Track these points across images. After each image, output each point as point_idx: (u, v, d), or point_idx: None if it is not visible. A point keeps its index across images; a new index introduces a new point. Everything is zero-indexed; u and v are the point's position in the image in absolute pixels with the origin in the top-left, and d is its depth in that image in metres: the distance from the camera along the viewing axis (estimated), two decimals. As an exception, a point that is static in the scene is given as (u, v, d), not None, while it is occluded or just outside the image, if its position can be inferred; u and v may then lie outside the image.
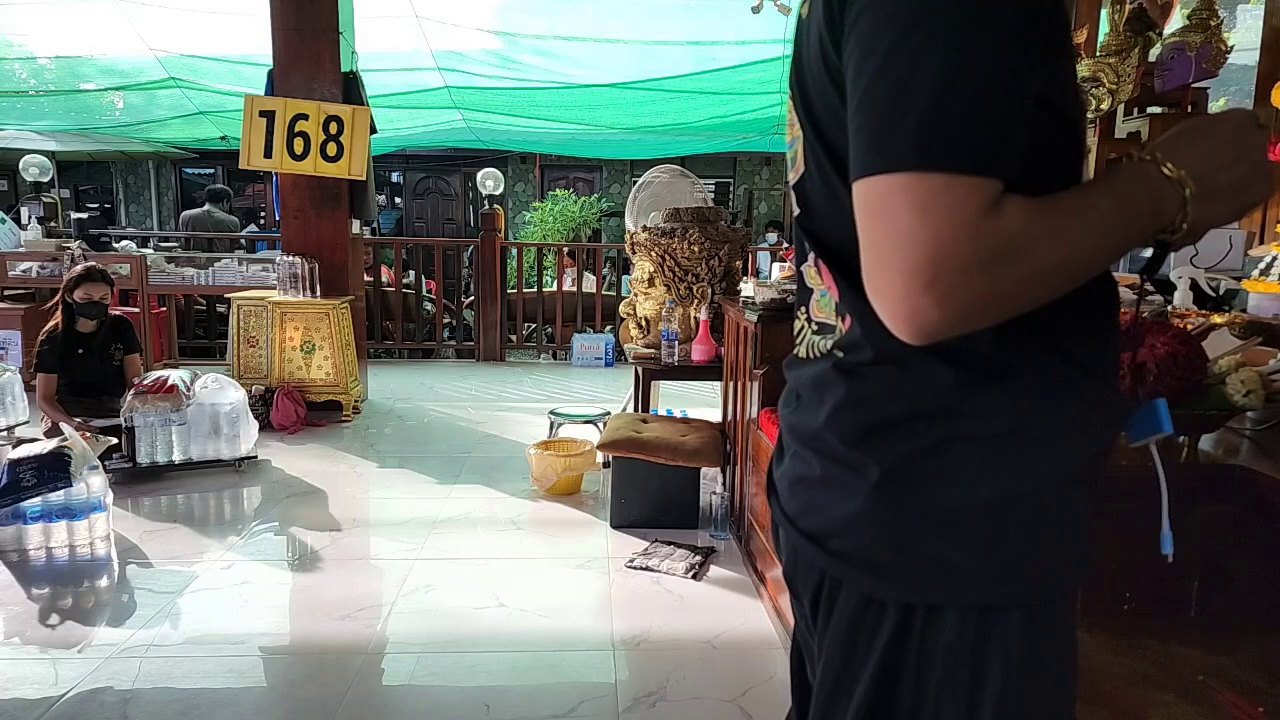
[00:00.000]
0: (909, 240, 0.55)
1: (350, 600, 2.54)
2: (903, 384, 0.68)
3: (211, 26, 5.89)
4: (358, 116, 4.68)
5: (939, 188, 0.55)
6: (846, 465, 0.71)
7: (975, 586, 0.67)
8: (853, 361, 0.72)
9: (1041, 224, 0.57)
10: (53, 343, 3.80)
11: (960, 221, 0.54)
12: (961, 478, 0.66)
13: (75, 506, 2.88)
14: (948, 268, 0.54)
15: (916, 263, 0.55)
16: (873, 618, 0.70)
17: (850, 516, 0.71)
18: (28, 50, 6.63)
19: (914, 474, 0.68)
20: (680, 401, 4.84)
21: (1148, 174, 0.63)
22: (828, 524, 0.73)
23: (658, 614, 2.50)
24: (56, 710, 1.95)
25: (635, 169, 11.19)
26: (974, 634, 0.67)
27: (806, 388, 0.78)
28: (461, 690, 2.11)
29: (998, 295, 0.56)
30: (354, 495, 3.55)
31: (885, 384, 0.69)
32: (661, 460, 3.06)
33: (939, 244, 0.54)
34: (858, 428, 0.70)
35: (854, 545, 0.71)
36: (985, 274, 0.55)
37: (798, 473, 0.78)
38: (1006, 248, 0.55)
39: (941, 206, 0.55)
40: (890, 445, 0.68)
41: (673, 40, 5.96)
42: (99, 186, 12.47)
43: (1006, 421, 0.66)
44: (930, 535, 0.67)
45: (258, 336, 4.81)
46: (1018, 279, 0.56)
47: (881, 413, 0.69)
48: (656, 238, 3.77)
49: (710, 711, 2.02)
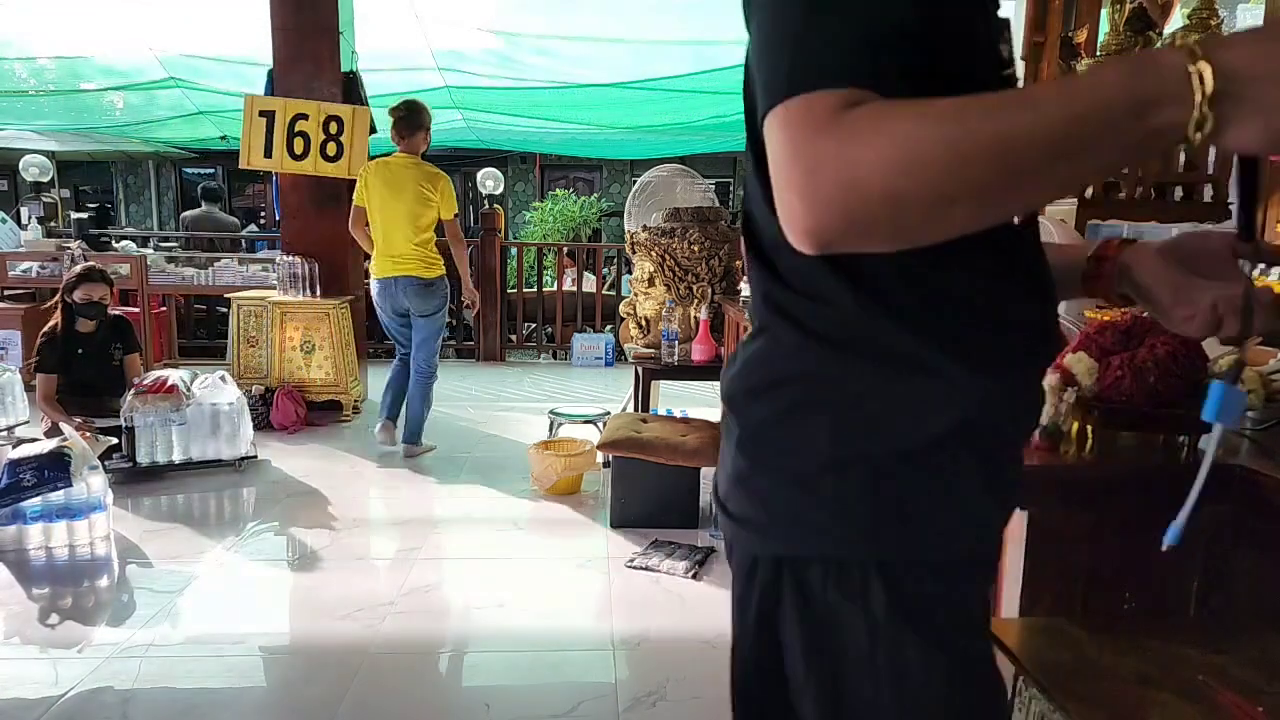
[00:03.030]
0: (781, 160, 0.56)
1: (350, 600, 2.54)
2: (770, 352, 0.73)
3: (211, 26, 5.90)
4: (358, 116, 4.68)
5: (799, 105, 0.56)
6: (729, 429, 0.77)
7: (827, 540, 0.70)
8: (747, 337, 0.78)
9: (915, 107, 0.54)
10: (52, 343, 3.80)
11: (814, 123, 0.55)
12: (812, 438, 0.70)
13: (75, 506, 2.88)
14: (809, 167, 0.54)
15: (789, 175, 0.56)
16: (753, 574, 0.75)
17: (729, 475, 0.77)
18: (28, 50, 6.63)
19: (772, 434, 0.73)
20: (680, 401, 4.84)
21: (1153, 61, 0.52)
22: (724, 488, 0.79)
23: (658, 614, 2.50)
24: (56, 710, 1.95)
25: (635, 169, 11.19)
26: (835, 590, 0.70)
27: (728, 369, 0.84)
28: (461, 690, 2.11)
29: (872, 187, 0.53)
30: (354, 495, 3.55)
31: (759, 353, 0.74)
32: (661, 460, 3.06)
33: (796, 149, 0.55)
34: (739, 394, 0.76)
35: (734, 503, 0.76)
36: (847, 165, 0.53)
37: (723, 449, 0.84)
38: (866, 133, 0.53)
39: (798, 119, 0.56)
40: (756, 408, 0.74)
41: (673, 40, 5.96)
42: (99, 186, 12.48)
43: (851, 389, 0.69)
44: (788, 492, 0.71)
45: (258, 336, 4.81)
46: (891, 164, 0.52)
47: (752, 379, 0.75)
48: (656, 238, 3.77)
49: (710, 711, 2.02)
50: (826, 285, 0.68)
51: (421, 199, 3.84)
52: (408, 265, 3.84)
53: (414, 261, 3.84)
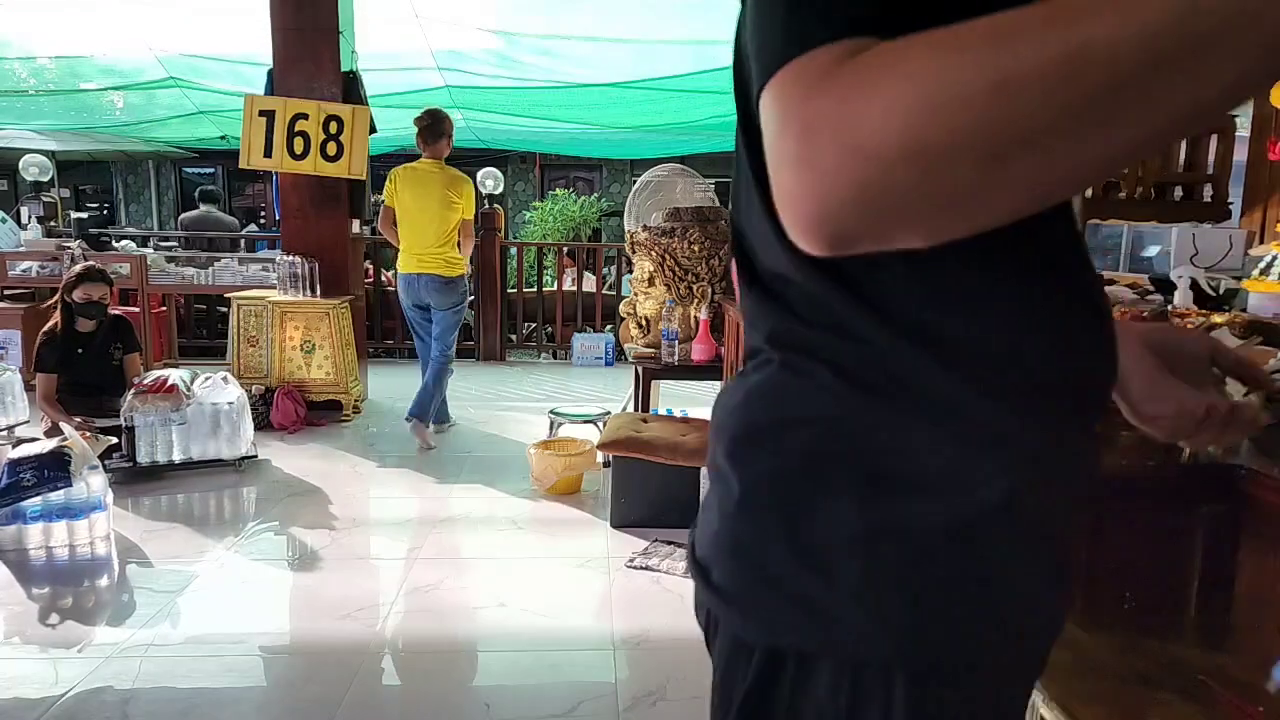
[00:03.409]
0: (772, 136, 0.45)
1: (350, 600, 2.54)
2: (778, 387, 0.58)
3: (211, 26, 5.90)
4: (358, 116, 4.68)
5: (789, 71, 0.45)
6: (721, 481, 0.61)
7: (847, 635, 0.55)
8: (747, 368, 0.63)
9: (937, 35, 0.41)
10: (52, 342, 3.80)
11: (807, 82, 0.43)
12: (834, 501, 0.55)
13: (75, 506, 2.88)
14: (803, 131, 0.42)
15: (780, 150, 0.44)
16: (742, 661, 0.60)
17: (720, 541, 0.61)
18: (28, 50, 6.63)
19: (781, 492, 0.57)
20: (680, 401, 4.84)
21: None
22: (706, 550, 0.63)
23: (658, 613, 2.50)
24: (56, 710, 1.95)
25: (635, 169, 11.18)
26: (847, 695, 0.56)
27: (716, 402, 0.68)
28: (461, 690, 2.11)
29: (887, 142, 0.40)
30: (354, 495, 3.55)
31: (764, 388, 0.59)
32: (661, 460, 3.06)
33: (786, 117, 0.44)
34: (736, 437, 0.60)
35: (724, 576, 0.61)
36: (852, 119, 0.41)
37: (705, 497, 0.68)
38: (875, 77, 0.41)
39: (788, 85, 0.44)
40: (757, 458, 0.58)
41: (673, 40, 5.95)
42: (99, 186, 12.48)
43: (882, 441, 0.54)
44: (797, 569, 0.56)
45: (258, 336, 4.80)
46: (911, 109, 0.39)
47: (753, 419, 0.59)
48: (656, 237, 3.77)
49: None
50: (849, 315, 0.54)
51: (447, 202, 4.10)
52: (431, 264, 4.11)
53: (437, 260, 4.12)
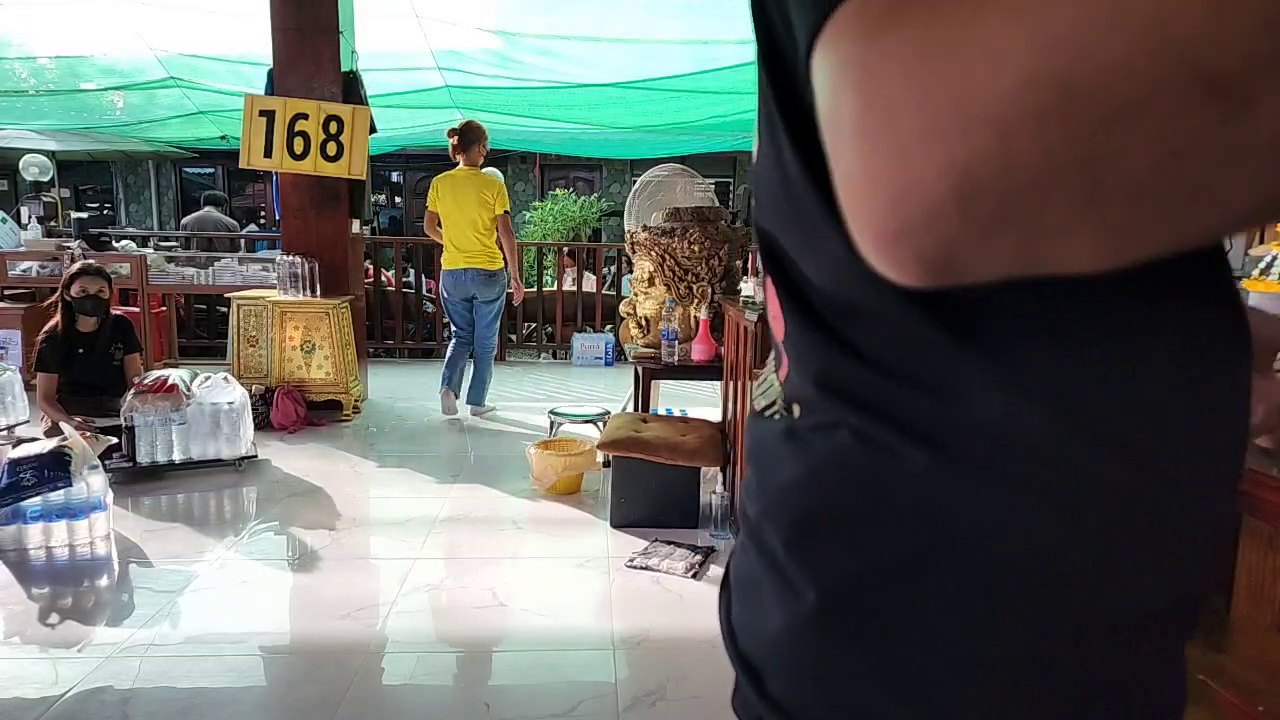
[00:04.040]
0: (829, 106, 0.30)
1: (350, 600, 2.54)
2: (854, 467, 0.44)
3: (211, 26, 5.90)
4: (358, 116, 4.68)
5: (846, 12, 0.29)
6: (783, 576, 0.49)
7: None
8: (804, 426, 0.49)
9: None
10: (53, 342, 3.80)
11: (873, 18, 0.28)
12: (939, 618, 0.43)
13: (75, 506, 2.88)
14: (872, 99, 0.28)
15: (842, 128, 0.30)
16: None
17: (786, 650, 0.49)
18: (28, 50, 6.63)
19: (867, 605, 0.45)
20: (680, 401, 4.84)
21: None
22: (762, 654, 0.52)
23: (658, 613, 2.50)
24: (56, 710, 1.95)
25: (635, 169, 11.18)
26: None
27: (754, 458, 0.55)
28: (461, 690, 2.11)
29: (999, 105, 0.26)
30: (354, 495, 3.55)
31: (833, 465, 0.46)
32: (661, 460, 3.06)
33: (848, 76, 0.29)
34: (798, 524, 0.48)
35: (791, 692, 0.49)
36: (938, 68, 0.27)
37: (742, 568, 0.55)
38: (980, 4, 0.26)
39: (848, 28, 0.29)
40: (837, 557, 0.46)
41: (673, 40, 5.95)
42: (99, 186, 12.47)
43: (1011, 541, 0.42)
44: (887, 701, 0.45)
45: (258, 336, 4.80)
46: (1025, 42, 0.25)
47: (827, 504, 0.46)
48: (656, 237, 3.77)
49: (710, 711, 2.02)
50: (954, 367, 0.39)
51: (481, 203, 4.53)
52: (474, 259, 4.58)
53: (479, 255, 4.58)
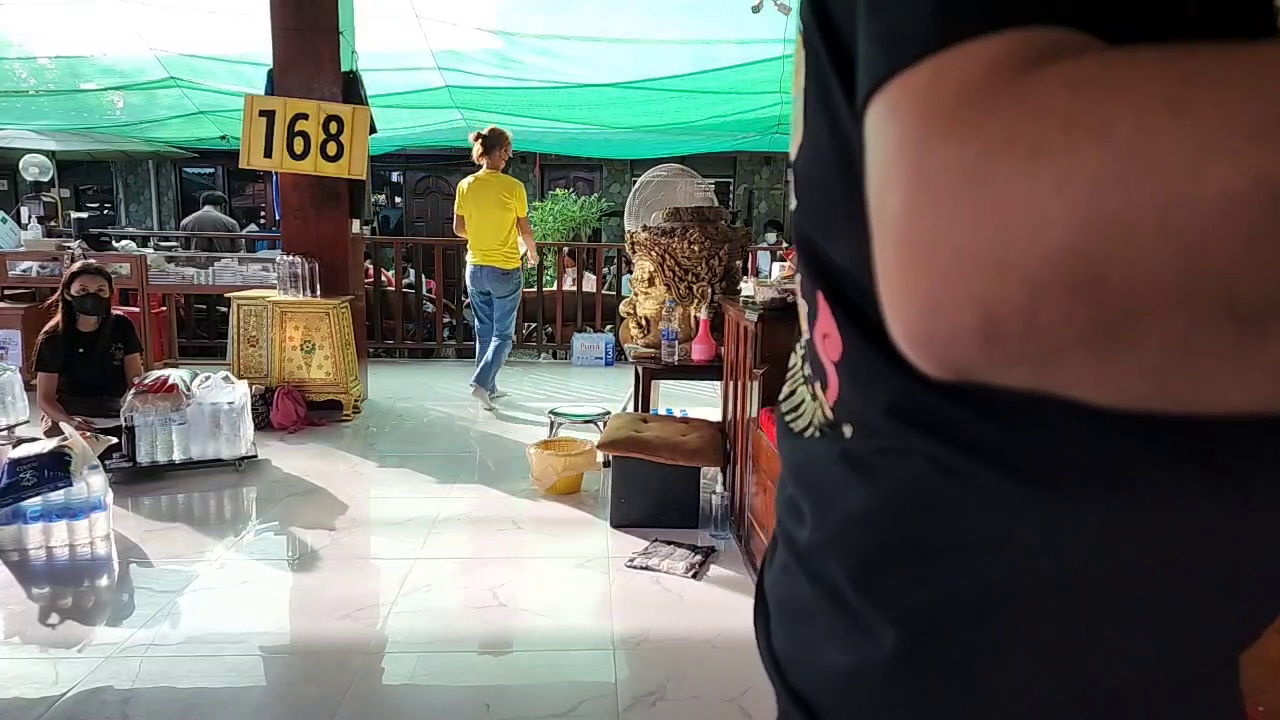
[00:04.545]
0: (877, 187, 0.29)
1: (350, 600, 2.54)
2: (939, 488, 0.40)
3: (211, 26, 5.90)
4: (358, 116, 4.68)
5: (923, 76, 0.28)
6: (851, 614, 0.46)
7: None
8: (867, 450, 0.44)
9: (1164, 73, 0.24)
10: (53, 342, 3.80)
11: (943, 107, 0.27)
12: (1027, 656, 0.41)
13: (75, 506, 2.88)
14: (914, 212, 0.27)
15: (886, 222, 0.28)
16: None
17: (854, 693, 0.46)
18: (28, 50, 6.63)
19: (952, 643, 0.42)
20: (680, 401, 4.84)
21: None
22: (824, 692, 0.49)
23: (658, 613, 2.50)
24: (56, 710, 1.95)
25: (635, 169, 11.18)
26: None
27: (799, 483, 0.51)
28: (461, 690, 2.11)
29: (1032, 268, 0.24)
30: (354, 495, 3.55)
31: (911, 490, 0.42)
32: (661, 460, 3.06)
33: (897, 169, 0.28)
34: (869, 558, 0.45)
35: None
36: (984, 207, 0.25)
37: (789, 595, 0.53)
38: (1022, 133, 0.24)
39: (910, 109, 0.28)
40: (915, 595, 0.43)
41: (673, 40, 5.96)
42: (99, 186, 12.47)
43: (1091, 569, 0.39)
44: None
45: (258, 336, 4.80)
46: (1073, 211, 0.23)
47: (902, 537, 0.43)
48: (656, 237, 3.77)
49: (710, 711, 2.02)
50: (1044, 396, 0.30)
51: (501, 205, 4.87)
52: (492, 257, 4.96)
53: (497, 255, 4.96)
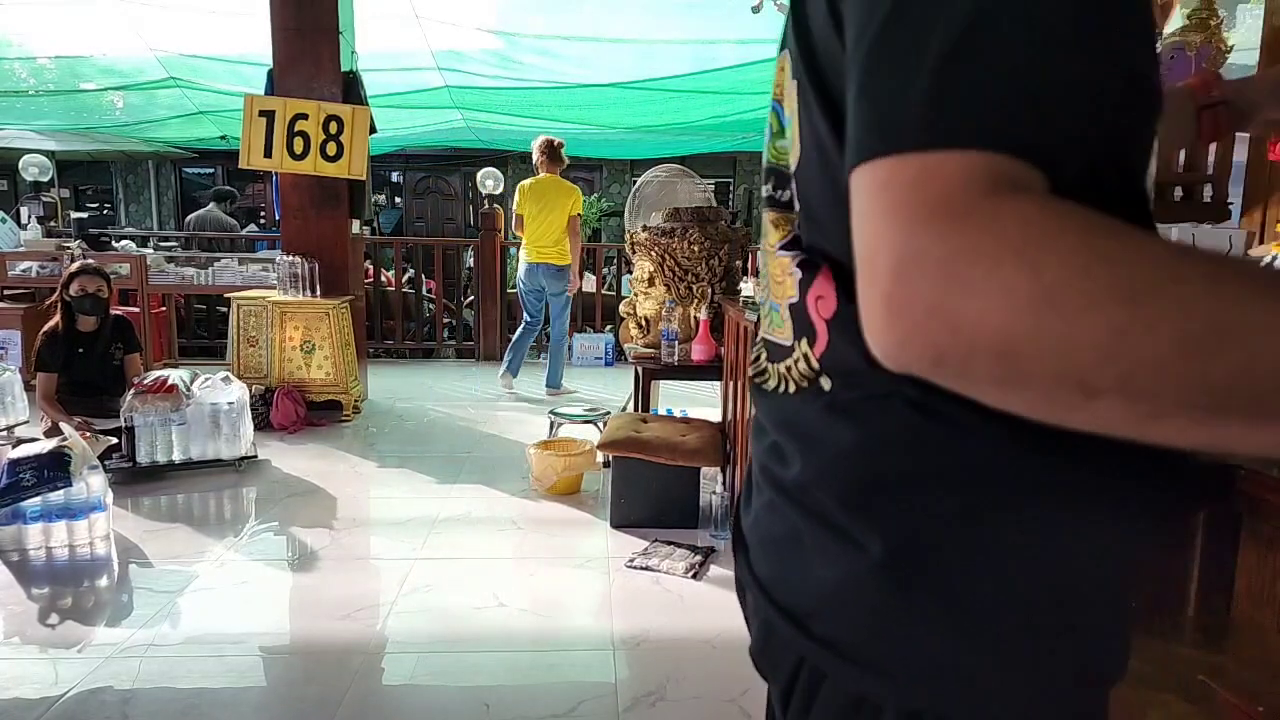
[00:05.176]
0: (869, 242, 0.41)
1: (350, 600, 2.54)
2: (919, 427, 0.50)
3: (211, 26, 5.90)
4: (358, 116, 4.68)
5: (912, 171, 0.39)
6: (841, 532, 0.54)
7: (1005, 699, 0.52)
8: (851, 398, 0.54)
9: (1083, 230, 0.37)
10: (53, 342, 3.80)
11: (928, 205, 0.38)
12: (996, 560, 0.50)
13: (75, 506, 2.88)
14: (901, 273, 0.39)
15: (873, 270, 0.41)
16: (856, 716, 0.55)
17: (843, 596, 0.55)
18: (28, 50, 6.63)
19: (932, 551, 0.51)
20: (680, 401, 4.84)
21: None
22: (811, 600, 0.57)
23: (658, 614, 2.50)
24: (56, 710, 1.95)
25: (635, 169, 11.19)
26: None
27: (785, 431, 0.60)
28: (461, 690, 2.11)
29: (981, 336, 0.37)
30: (354, 495, 3.55)
31: (895, 426, 0.51)
32: (661, 460, 3.06)
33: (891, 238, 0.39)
34: (860, 485, 0.53)
35: (846, 632, 0.55)
36: (954, 291, 0.37)
37: (774, 530, 0.62)
38: (998, 253, 0.36)
39: (905, 192, 0.39)
40: (900, 512, 0.52)
41: (673, 40, 5.96)
42: (99, 186, 12.47)
43: (1056, 490, 0.49)
44: (947, 632, 0.52)
45: (258, 336, 4.80)
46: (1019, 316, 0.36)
47: (890, 466, 0.52)
48: (656, 237, 3.77)
49: (710, 711, 2.02)
50: None
51: (559, 207, 5.17)
52: (547, 255, 5.24)
53: (552, 252, 5.24)
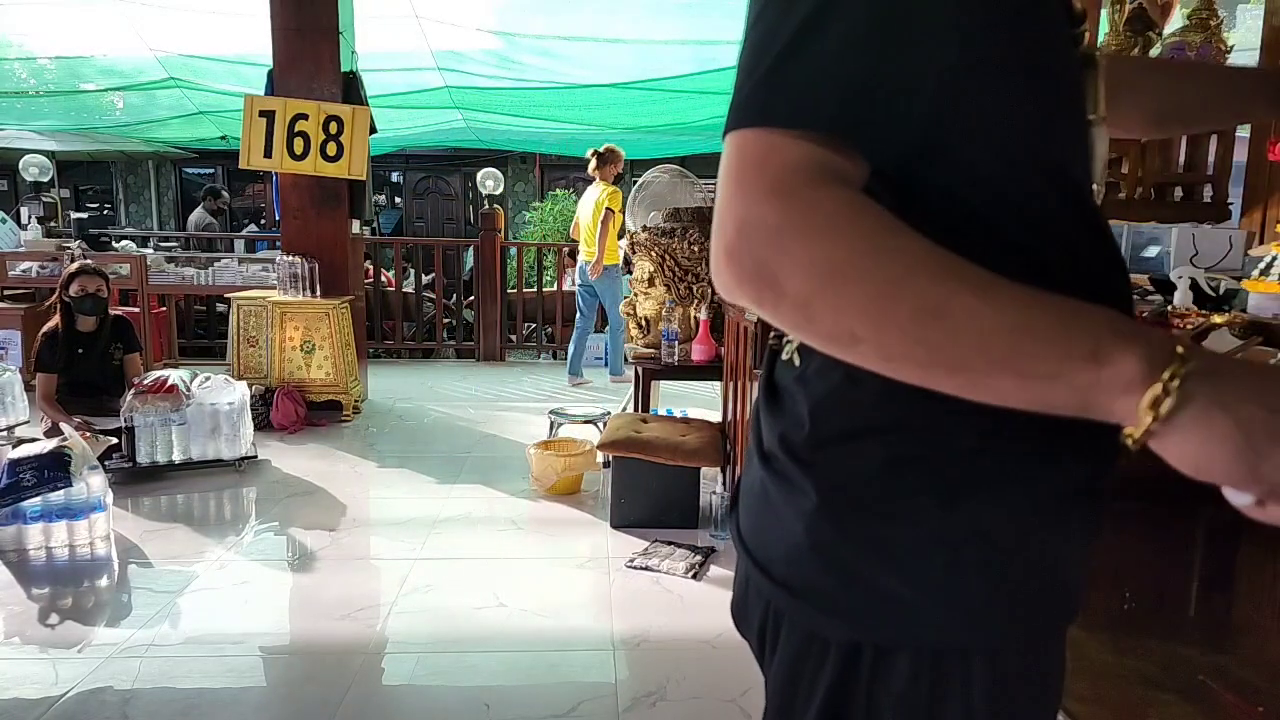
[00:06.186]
0: (725, 192, 0.51)
1: (350, 600, 2.54)
2: (850, 393, 0.61)
3: (211, 26, 5.90)
4: (358, 116, 4.68)
5: (759, 143, 0.51)
6: (792, 484, 0.64)
7: (928, 627, 0.59)
8: (808, 369, 0.65)
9: (873, 226, 0.49)
10: (53, 342, 3.80)
11: (767, 177, 0.50)
12: (914, 504, 0.59)
13: (75, 506, 2.88)
14: (742, 227, 0.50)
15: (724, 218, 0.51)
16: (816, 656, 0.63)
17: (794, 542, 0.64)
18: (28, 50, 6.63)
19: (860, 497, 0.60)
20: (680, 401, 4.84)
21: (1128, 329, 0.46)
22: (772, 549, 0.66)
23: (658, 614, 2.50)
24: (56, 710, 1.95)
25: (635, 169, 11.16)
26: (929, 681, 0.60)
27: (778, 394, 0.71)
28: (461, 690, 2.11)
29: (788, 287, 0.49)
30: (354, 495, 3.55)
31: (832, 393, 0.62)
32: (661, 460, 3.06)
33: (740, 196, 0.50)
34: (807, 443, 0.63)
35: (796, 574, 0.64)
36: (776, 251, 0.49)
37: (753, 488, 0.71)
38: (810, 226, 0.48)
39: (753, 160, 0.50)
40: (835, 464, 0.62)
41: (673, 40, 5.95)
42: (99, 186, 12.46)
43: (965, 441, 0.58)
44: (878, 567, 0.60)
45: (258, 336, 4.80)
46: (816, 277, 0.48)
47: (828, 426, 0.62)
48: (656, 238, 3.77)
49: (710, 711, 2.02)
50: None
51: (598, 207, 5.45)
52: (589, 253, 5.56)
53: (588, 250, 5.57)
